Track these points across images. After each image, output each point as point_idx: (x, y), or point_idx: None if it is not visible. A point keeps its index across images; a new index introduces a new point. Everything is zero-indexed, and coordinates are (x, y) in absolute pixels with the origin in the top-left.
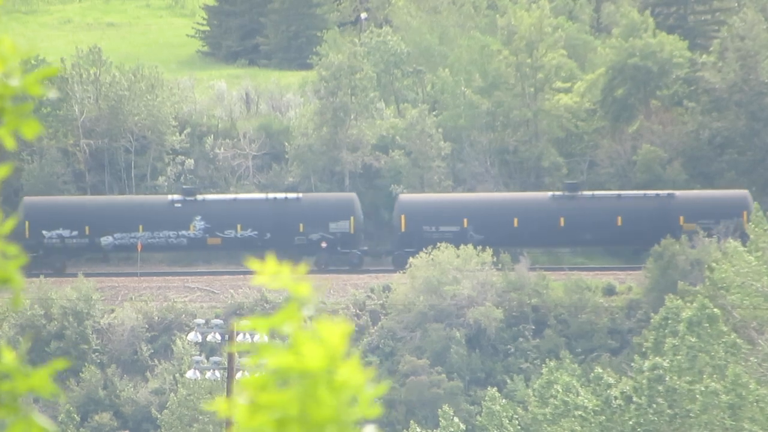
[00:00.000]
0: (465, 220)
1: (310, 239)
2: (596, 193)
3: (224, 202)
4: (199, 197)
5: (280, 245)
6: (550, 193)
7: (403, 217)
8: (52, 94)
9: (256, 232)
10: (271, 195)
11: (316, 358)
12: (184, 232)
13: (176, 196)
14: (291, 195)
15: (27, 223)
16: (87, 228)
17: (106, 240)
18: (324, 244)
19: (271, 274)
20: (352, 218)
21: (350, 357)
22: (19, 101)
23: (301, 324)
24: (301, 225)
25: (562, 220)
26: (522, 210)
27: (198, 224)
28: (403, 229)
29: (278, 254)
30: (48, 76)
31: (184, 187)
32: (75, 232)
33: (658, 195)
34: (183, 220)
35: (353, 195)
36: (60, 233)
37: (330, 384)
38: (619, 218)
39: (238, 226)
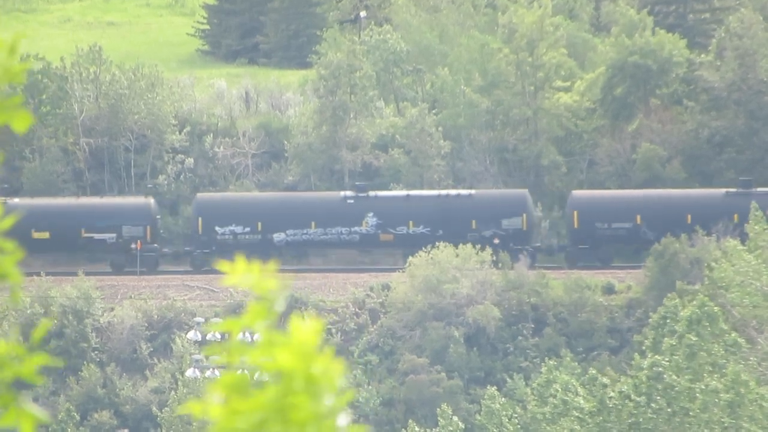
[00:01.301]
0: (638, 217)
1: (482, 236)
2: None
3: (397, 199)
4: (372, 194)
5: (452, 242)
6: (724, 190)
7: (575, 213)
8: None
9: (428, 229)
10: (443, 191)
11: (289, 356)
12: (356, 229)
13: (349, 193)
14: (464, 192)
15: (200, 219)
16: (259, 224)
17: (278, 236)
18: (496, 241)
19: (240, 274)
20: (524, 215)
21: (323, 352)
22: (8, 95)
23: (271, 323)
24: (473, 222)
25: (736, 216)
26: (695, 206)
27: (370, 221)
28: (576, 226)
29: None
30: (27, 68)
31: (356, 183)
32: (247, 229)
33: None
34: (355, 217)
35: (525, 192)
36: (233, 229)
37: (306, 381)
38: None
39: (410, 223)
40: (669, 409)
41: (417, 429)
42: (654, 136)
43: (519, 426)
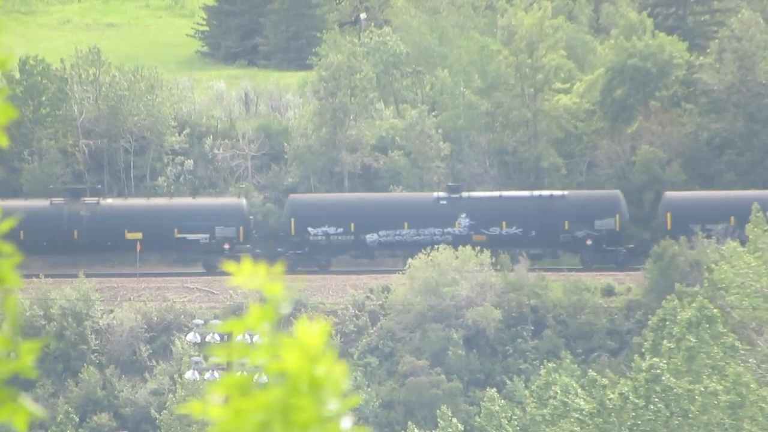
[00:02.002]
0: (732, 218)
1: (575, 236)
2: None
3: (489, 200)
4: (465, 194)
5: (545, 242)
6: None
7: (668, 214)
8: None
9: (521, 230)
10: (536, 192)
11: (294, 358)
12: (449, 229)
13: (441, 194)
14: (556, 192)
15: (293, 220)
16: (352, 225)
17: (371, 237)
18: (589, 242)
19: (246, 275)
20: (617, 216)
21: (328, 355)
22: None
23: (275, 324)
24: (566, 222)
25: None
26: None
27: (463, 221)
28: (669, 227)
29: (543, 252)
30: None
31: (449, 184)
32: (340, 230)
33: None
34: (448, 218)
35: (618, 192)
36: (325, 230)
37: (311, 383)
38: None
39: (503, 224)
40: (668, 412)
41: (416, 431)
42: (653, 138)
43: (518, 428)
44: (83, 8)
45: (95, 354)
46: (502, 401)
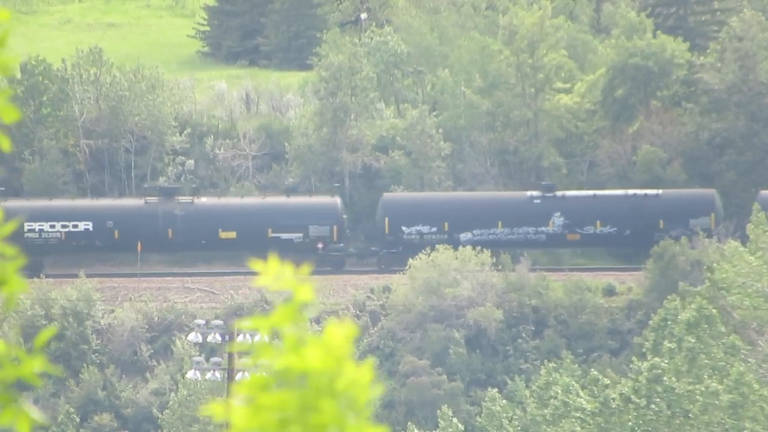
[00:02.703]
0: None
1: (669, 236)
2: None
3: (584, 199)
4: (559, 193)
5: (639, 242)
6: None
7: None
8: None
9: (615, 229)
10: (630, 191)
11: (317, 359)
12: (543, 229)
13: (535, 193)
14: (651, 192)
15: (386, 219)
16: (446, 224)
17: (464, 236)
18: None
19: (273, 275)
20: (712, 214)
21: (356, 359)
22: None
23: (302, 325)
24: (660, 221)
25: None
26: None
27: (557, 220)
28: None
29: (637, 251)
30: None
31: (543, 183)
32: (434, 229)
33: None
34: (542, 217)
35: (713, 192)
36: (419, 229)
37: (332, 385)
38: None
39: (597, 223)
40: (669, 412)
41: (416, 431)
42: (654, 138)
43: (519, 428)
44: (84, 8)
45: (96, 354)
46: (504, 401)
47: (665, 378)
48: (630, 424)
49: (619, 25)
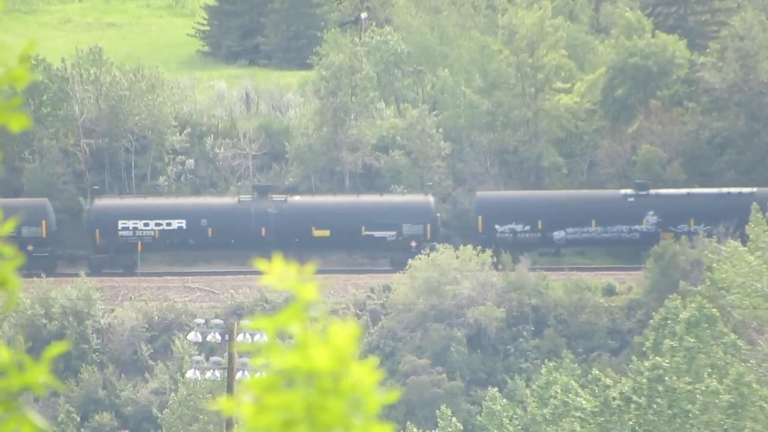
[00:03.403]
0: None
1: None
2: None
3: (678, 197)
4: (653, 192)
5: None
6: None
7: None
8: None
9: (709, 227)
10: (724, 189)
11: (323, 359)
12: (636, 227)
13: (629, 191)
14: (745, 190)
15: (480, 217)
16: (539, 222)
17: (558, 235)
18: None
19: (277, 274)
20: None
21: (361, 358)
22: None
23: (306, 324)
24: None
25: None
26: None
27: (650, 219)
28: None
29: None
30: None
31: (636, 181)
32: (527, 227)
33: None
34: (636, 215)
35: None
36: (512, 227)
37: (337, 385)
38: None
39: (691, 221)
40: (669, 411)
41: (415, 431)
42: (654, 137)
43: (519, 427)
44: (84, 8)
45: (96, 353)
46: (504, 401)
47: (666, 378)
48: (630, 423)
49: (619, 25)
